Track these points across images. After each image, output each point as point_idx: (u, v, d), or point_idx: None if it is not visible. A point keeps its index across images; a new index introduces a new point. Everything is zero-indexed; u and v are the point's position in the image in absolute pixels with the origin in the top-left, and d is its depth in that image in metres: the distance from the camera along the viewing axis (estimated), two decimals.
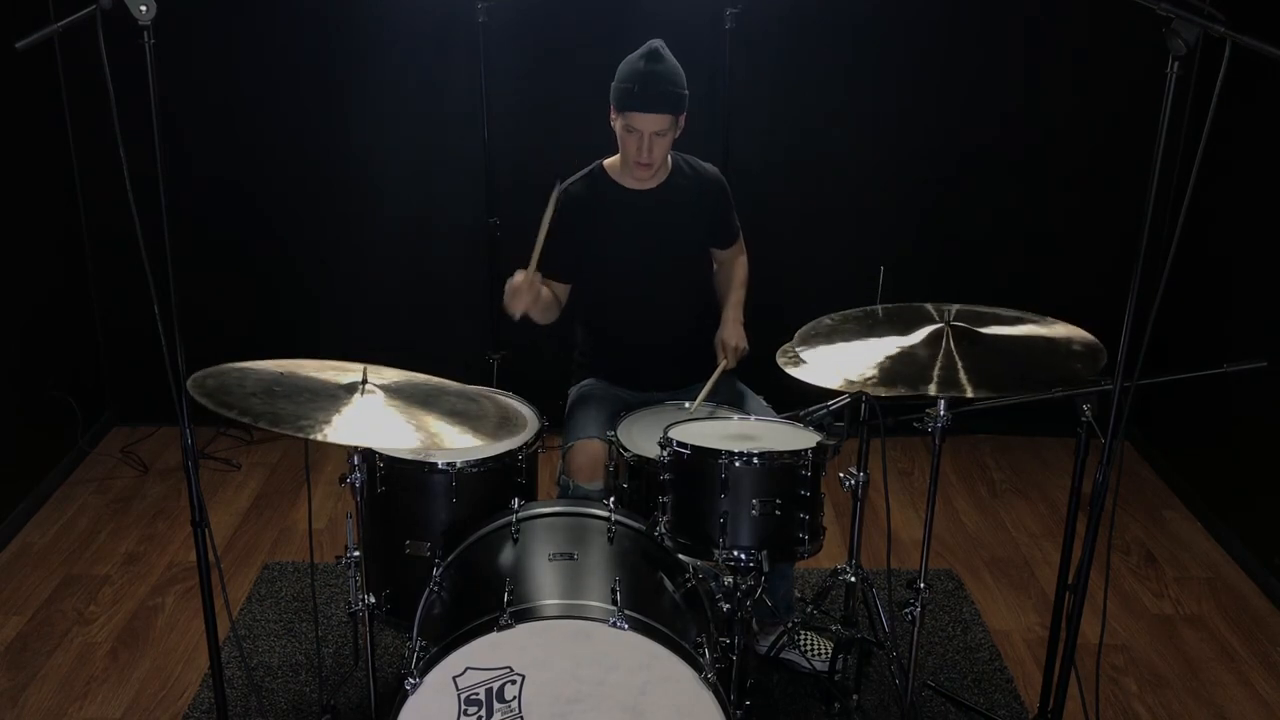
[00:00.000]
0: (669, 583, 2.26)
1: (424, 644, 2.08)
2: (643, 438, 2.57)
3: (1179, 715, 2.80)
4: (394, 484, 2.46)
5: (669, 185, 2.84)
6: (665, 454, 2.31)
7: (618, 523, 2.31)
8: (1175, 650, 3.05)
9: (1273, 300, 3.39)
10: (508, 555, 2.24)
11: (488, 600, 2.03)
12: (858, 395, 2.41)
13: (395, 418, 2.06)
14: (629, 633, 1.97)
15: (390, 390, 2.15)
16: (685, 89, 2.69)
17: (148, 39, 1.89)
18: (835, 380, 2.41)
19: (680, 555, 2.32)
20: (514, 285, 2.66)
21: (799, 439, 2.40)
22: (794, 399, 2.53)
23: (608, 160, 2.85)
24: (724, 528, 2.27)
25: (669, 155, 2.82)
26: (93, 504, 3.74)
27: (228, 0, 3.82)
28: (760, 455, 2.26)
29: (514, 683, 1.99)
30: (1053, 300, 2.69)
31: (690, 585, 2.29)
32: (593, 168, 2.85)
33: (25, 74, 3.72)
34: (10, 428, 3.63)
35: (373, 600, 2.27)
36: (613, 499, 2.39)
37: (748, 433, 2.49)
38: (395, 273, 4.15)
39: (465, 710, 2.00)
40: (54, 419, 3.88)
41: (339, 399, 2.07)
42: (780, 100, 3.95)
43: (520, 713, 2.01)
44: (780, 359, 2.53)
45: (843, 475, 2.55)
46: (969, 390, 2.14)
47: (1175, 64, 1.82)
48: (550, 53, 3.88)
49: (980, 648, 3.02)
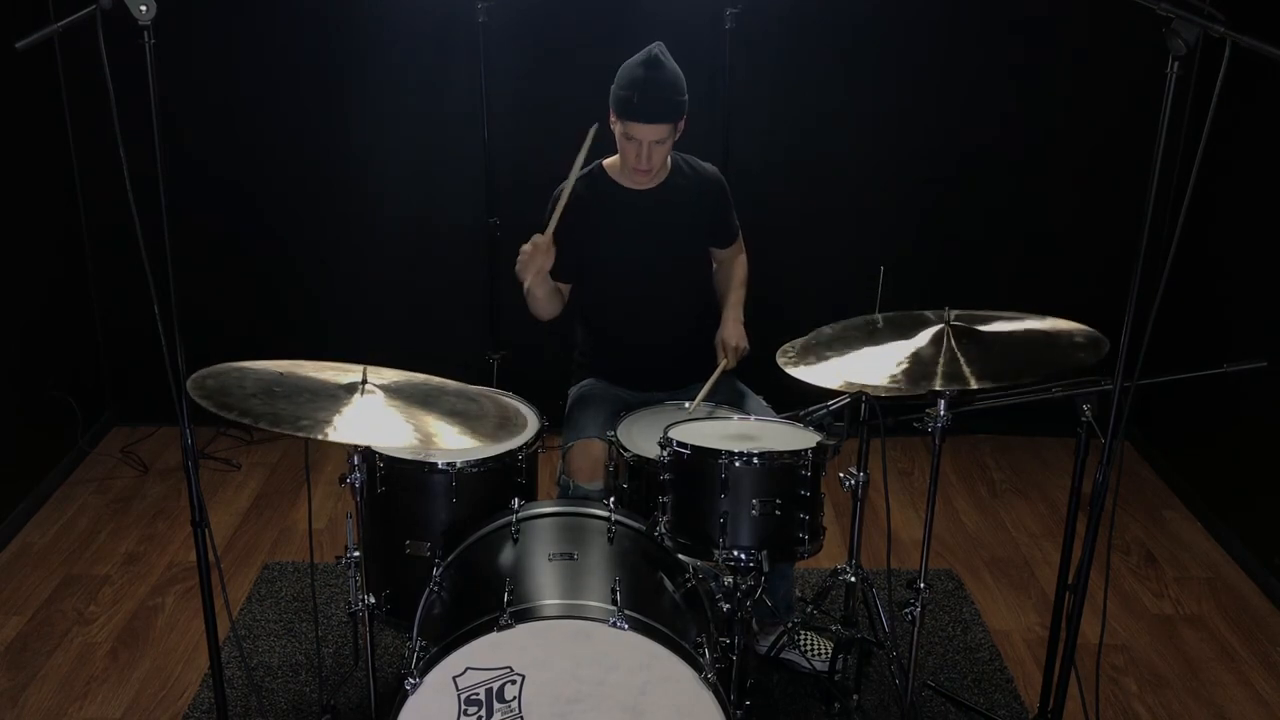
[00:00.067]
0: (669, 583, 2.26)
1: (424, 644, 2.08)
2: (643, 438, 2.57)
3: (1179, 715, 2.80)
4: (394, 484, 2.46)
5: (669, 185, 2.84)
6: (665, 454, 2.31)
7: (618, 523, 2.32)
8: (1175, 650, 3.05)
9: (1273, 300, 3.38)
10: (508, 555, 2.24)
11: (488, 600, 2.04)
12: (858, 395, 2.41)
13: (395, 418, 2.06)
14: (629, 633, 1.97)
15: (390, 390, 2.15)
16: (685, 95, 2.68)
17: (148, 39, 1.89)
18: (836, 380, 2.41)
19: (680, 555, 2.32)
20: (526, 251, 2.66)
21: (799, 439, 2.40)
22: (794, 399, 2.52)
23: (607, 160, 2.85)
24: (724, 528, 2.27)
25: (669, 155, 2.82)
26: (93, 504, 3.74)
27: (228, 0, 3.82)
28: (760, 455, 2.26)
29: (514, 683, 2.00)
30: (1053, 300, 2.69)
31: (690, 585, 2.29)
32: (592, 168, 2.85)
33: (25, 74, 3.72)
34: (10, 428, 3.63)
35: (373, 600, 2.27)
36: (613, 499, 2.39)
37: (748, 433, 2.49)
38: (395, 273, 4.15)
39: (465, 710, 2.00)
40: (54, 419, 3.88)
41: (339, 399, 2.07)
42: (780, 100, 3.94)
43: (520, 713, 2.01)
44: (780, 359, 2.52)
45: (843, 475, 2.55)
46: (973, 382, 2.15)
47: (1175, 64, 1.82)
48: (550, 53, 3.88)
49: (980, 648, 3.02)
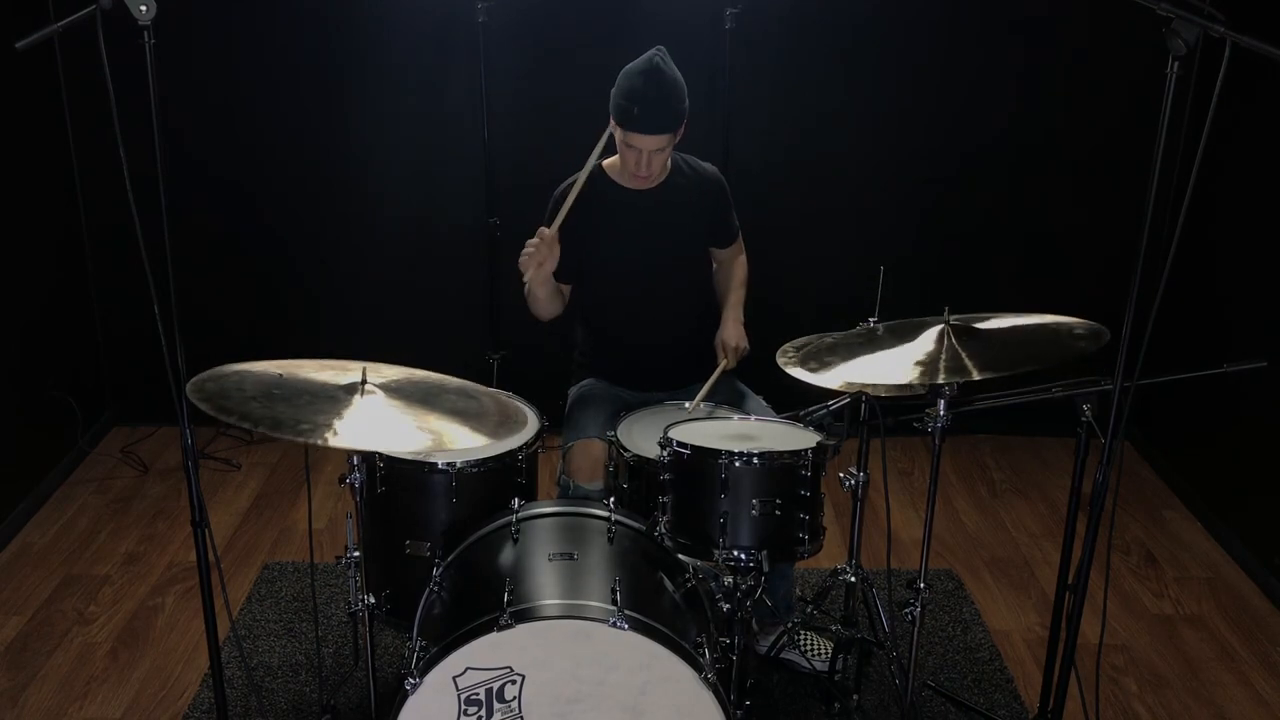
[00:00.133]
0: (669, 583, 2.26)
1: (424, 644, 2.07)
2: (643, 438, 2.57)
3: (1179, 715, 2.80)
4: (394, 484, 2.45)
5: (669, 185, 2.84)
6: (665, 454, 2.31)
7: (618, 523, 2.31)
8: (1175, 650, 3.05)
9: (1273, 300, 3.38)
10: (508, 555, 2.24)
11: (488, 600, 2.03)
12: (858, 395, 2.41)
13: (395, 420, 2.05)
14: (629, 633, 1.97)
15: (390, 389, 2.14)
16: (685, 103, 2.67)
17: (148, 39, 1.89)
18: (836, 381, 2.41)
19: (680, 555, 2.32)
20: (532, 244, 2.66)
21: (799, 439, 2.40)
22: (794, 399, 2.53)
23: (607, 160, 2.85)
24: (724, 528, 2.27)
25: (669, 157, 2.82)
26: (93, 504, 3.74)
27: (228, 0, 3.82)
28: (760, 455, 2.26)
29: (514, 683, 1.99)
30: (1053, 300, 2.69)
31: (690, 585, 2.29)
32: (592, 168, 2.85)
33: (25, 74, 3.72)
34: (10, 428, 3.63)
35: (373, 600, 2.27)
36: (613, 499, 2.39)
37: (748, 433, 2.49)
38: (395, 273, 4.14)
39: (465, 710, 2.00)
40: (54, 419, 3.88)
41: (339, 400, 2.06)
42: (780, 100, 3.94)
43: (520, 713, 2.01)
44: (780, 359, 2.53)
45: (843, 475, 2.55)
46: (975, 373, 2.15)
47: (1175, 64, 1.82)
48: (550, 53, 3.88)
49: (980, 648, 3.02)
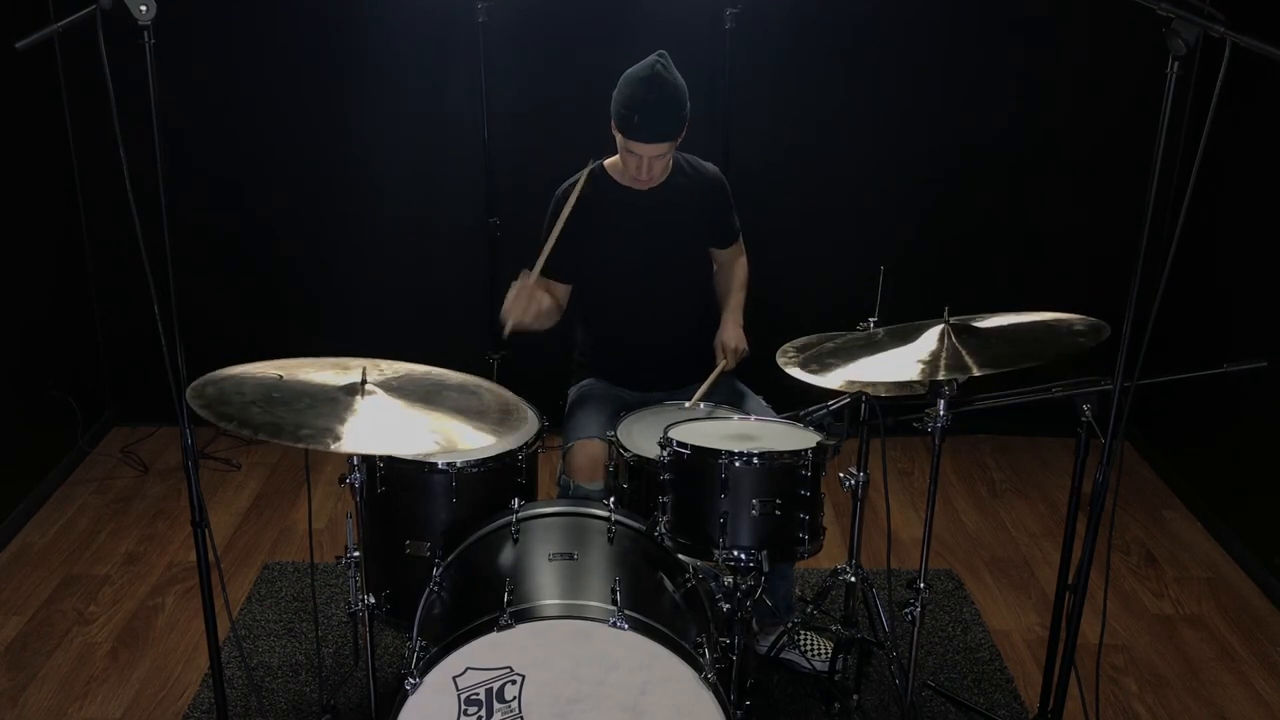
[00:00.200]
0: (669, 583, 2.26)
1: (424, 644, 2.07)
2: (643, 438, 2.57)
3: (1179, 715, 2.80)
4: (394, 484, 2.45)
5: (669, 185, 2.84)
6: (665, 454, 2.31)
7: (618, 523, 2.31)
8: (1175, 650, 3.05)
9: (1273, 300, 3.38)
10: (508, 555, 2.24)
11: (488, 600, 2.03)
12: (858, 395, 2.41)
13: (396, 422, 2.05)
14: (629, 633, 1.97)
15: (390, 388, 2.13)
16: (687, 109, 2.67)
17: (148, 39, 1.89)
18: (836, 381, 2.41)
19: (680, 555, 2.31)
20: (510, 298, 2.69)
21: (799, 439, 2.40)
22: (794, 399, 2.53)
23: (608, 160, 2.85)
24: (724, 528, 2.27)
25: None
26: (93, 504, 3.74)
27: (228, 0, 3.82)
28: (760, 455, 2.26)
29: (514, 683, 1.99)
30: (1053, 300, 2.68)
31: (690, 585, 2.29)
32: (593, 167, 2.85)
33: (25, 74, 3.72)
34: (10, 428, 3.63)
35: (373, 600, 2.27)
36: (613, 499, 2.39)
37: (748, 433, 2.49)
38: (395, 273, 4.14)
39: (465, 710, 2.00)
40: (54, 419, 3.88)
41: (339, 403, 2.05)
42: (780, 100, 3.94)
43: (520, 713, 2.01)
44: (780, 359, 2.53)
45: (843, 475, 2.55)
46: (975, 369, 2.15)
47: (1175, 64, 1.82)
48: (550, 53, 3.88)
49: (980, 648, 3.02)
